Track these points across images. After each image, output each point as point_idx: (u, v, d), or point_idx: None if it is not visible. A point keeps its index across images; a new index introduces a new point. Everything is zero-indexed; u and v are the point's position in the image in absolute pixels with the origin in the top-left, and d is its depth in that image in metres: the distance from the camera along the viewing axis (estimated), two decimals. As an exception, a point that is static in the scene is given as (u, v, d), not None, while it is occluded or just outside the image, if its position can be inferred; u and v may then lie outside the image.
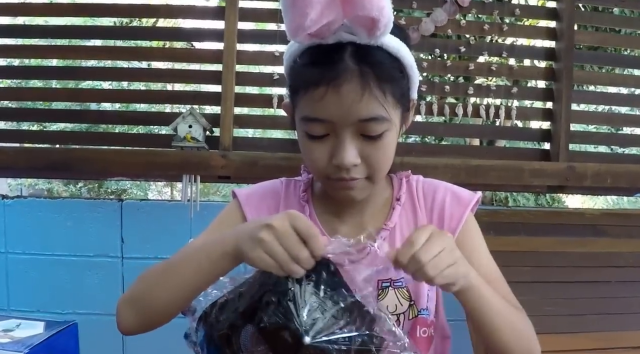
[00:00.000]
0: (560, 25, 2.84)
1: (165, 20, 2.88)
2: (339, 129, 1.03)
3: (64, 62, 2.79)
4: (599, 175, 2.76)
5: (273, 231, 0.88)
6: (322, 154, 1.06)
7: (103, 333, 2.67)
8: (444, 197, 1.23)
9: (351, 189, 1.10)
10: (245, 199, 1.25)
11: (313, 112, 1.03)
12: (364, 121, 1.02)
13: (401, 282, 1.16)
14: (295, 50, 1.06)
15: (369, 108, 1.02)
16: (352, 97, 1.00)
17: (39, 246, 2.72)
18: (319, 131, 1.04)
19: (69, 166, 2.58)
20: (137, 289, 1.11)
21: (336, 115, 1.01)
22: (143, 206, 2.75)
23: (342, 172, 1.06)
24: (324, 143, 1.05)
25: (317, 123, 1.04)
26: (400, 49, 1.06)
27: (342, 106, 1.00)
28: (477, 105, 2.82)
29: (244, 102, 2.76)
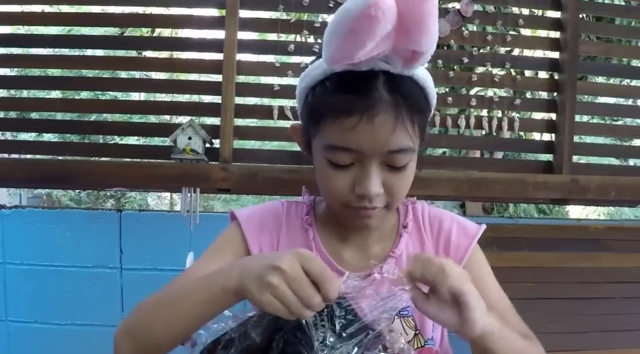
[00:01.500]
0: (564, 35, 2.81)
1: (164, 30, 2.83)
2: (366, 159, 1.00)
3: (62, 72, 2.75)
4: (603, 188, 2.73)
5: (283, 275, 0.84)
6: (345, 182, 1.03)
7: (101, 343, 2.66)
8: (451, 227, 1.22)
9: (369, 218, 1.08)
10: (245, 223, 1.21)
11: (342, 141, 1.00)
12: (392, 152, 1.00)
13: (407, 311, 1.14)
14: (320, 74, 1.03)
15: (400, 139, 0.99)
16: (385, 128, 0.97)
17: (37, 256, 2.71)
18: (345, 160, 1.02)
19: (66, 178, 2.55)
20: (135, 321, 1.07)
21: (367, 145, 0.99)
22: (142, 217, 2.73)
23: (364, 201, 1.03)
24: (347, 172, 1.03)
25: (345, 152, 1.01)
26: (427, 79, 1.04)
27: (375, 137, 0.98)
28: (479, 116, 2.79)
29: (244, 114, 2.73)
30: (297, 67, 2.67)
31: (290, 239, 1.19)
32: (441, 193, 2.55)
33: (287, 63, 2.72)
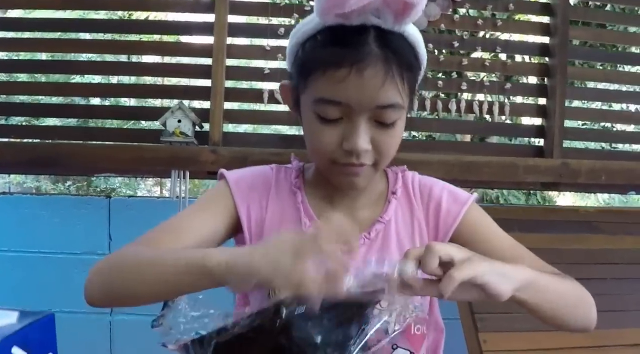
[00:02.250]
0: (555, 20, 2.82)
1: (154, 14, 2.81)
2: (355, 113, 1.00)
3: (52, 56, 2.73)
4: (593, 172, 2.73)
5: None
6: (333, 137, 1.02)
7: (90, 330, 2.65)
8: (441, 194, 1.20)
9: (356, 176, 1.07)
10: (235, 184, 1.18)
11: (331, 94, 0.99)
12: (381, 108, 0.99)
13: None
14: (311, 29, 1.02)
15: (389, 95, 0.99)
16: (374, 82, 0.97)
17: (25, 243, 2.68)
18: (334, 114, 1.01)
19: (55, 161, 2.53)
20: (110, 272, 1.02)
21: (355, 99, 0.98)
22: (131, 203, 2.71)
23: (351, 157, 1.02)
24: (335, 127, 1.02)
25: (333, 106, 1.00)
26: (418, 38, 1.04)
27: (364, 90, 0.97)
28: (470, 101, 2.79)
29: (234, 97, 2.72)
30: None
31: (279, 202, 1.18)
32: (431, 176, 2.54)
33: (278, 46, 2.70)
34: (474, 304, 2.10)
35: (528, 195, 8.56)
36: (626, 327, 2.24)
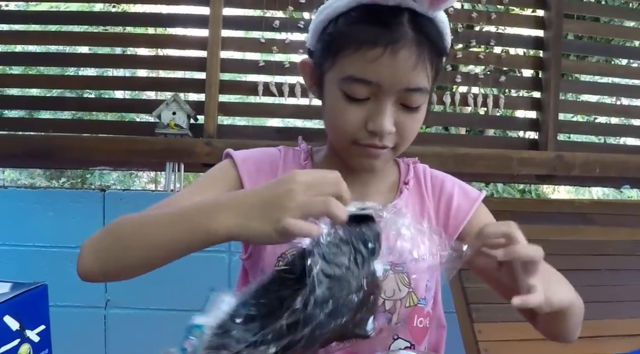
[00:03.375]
0: (549, 14, 2.82)
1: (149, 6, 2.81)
2: (383, 94, 0.99)
3: (45, 48, 2.72)
4: (588, 164, 2.74)
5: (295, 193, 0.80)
6: (358, 117, 1.01)
7: (84, 324, 2.64)
8: (452, 189, 1.20)
9: (376, 158, 1.06)
10: (242, 163, 1.15)
11: (362, 73, 0.98)
12: (409, 91, 0.99)
13: (402, 267, 1.11)
14: (344, 5, 1.01)
15: (419, 78, 0.98)
16: (407, 64, 0.96)
17: (20, 236, 2.66)
18: (362, 93, 1.00)
19: (49, 154, 2.52)
20: (105, 241, 1.01)
21: (387, 79, 0.97)
22: (126, 196, 2.70)
23: (375, 138, 1.02)
24: (361, 106, 1.01)
25: (363, 85, 0.99)
26: (447, 25, 1.05)
27: (396, 72, 0.97)
28: (464, 94, 2.79)
29: (228, 90, 2.72)
30: (282, 43, 2.66)
31: None
32: (426, 168, 2.55)
33: (272, 39, 2.70)
34: (469, 295, 2.11)
35: (523, 193, 8.56)
36: (620, 318, 2.25)
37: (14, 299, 0.79)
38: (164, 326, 2.72)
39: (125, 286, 2.59)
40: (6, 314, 0.76)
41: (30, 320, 0.82)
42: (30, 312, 0.83)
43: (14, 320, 0.78)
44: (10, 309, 0.78)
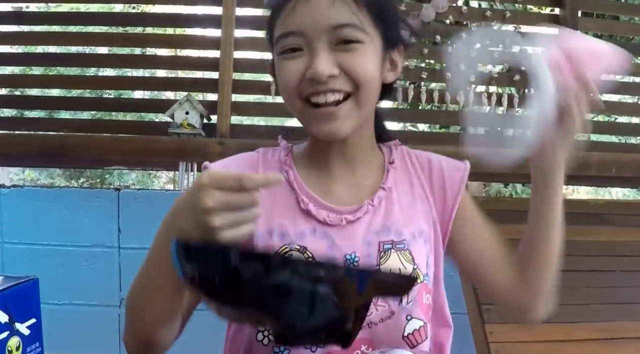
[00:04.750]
0: (564, 12, 2.79)
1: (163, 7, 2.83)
2: (311, 40, 0.99)
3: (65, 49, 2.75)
4: (604, 164, 2.71)
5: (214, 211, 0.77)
6: (296, 68, 1.00)
7: (99, 323, 2.66)
8: (440, 163, 1.18)
9: (335, 118, 1.02)
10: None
11: (285, 27, 1.00)
12: (337, 28, 0.98)
13: (403, 244, 1.10)
14: None
15: (340, 14, 0.98)
16: (322, 3, 0.98)
17: (35, 235, 2.69)
18: (292, 44, 1.00)
19: (64, 153, 2.54)
20: (127, 317, 1.01)
21: (307, 23, 0.98)
22: (140, 196, 2.72)
23: (318, 85, 1.00)
24: (298, 59, 1.00)
25: (290, 37, 1.00)
26: None
27: (313, 13, 0.98)
28: (479, 93, 2.77)
29: (241, 89, 2.72)
30: (294, 43, 2.66)
31: (276, 196, 1.11)
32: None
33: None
34: (480, 295, 2.09)
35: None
36: (635, 320, 2.22)
37: (3, 292, 0.79)
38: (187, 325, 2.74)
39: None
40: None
41: (21, 313, 0.83)
42: (21, 305, 0.83)
43: (2, 313, 0.78)
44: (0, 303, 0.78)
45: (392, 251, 1.09)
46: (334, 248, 1.06)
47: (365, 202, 1.10)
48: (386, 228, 1.09)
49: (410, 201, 1.15)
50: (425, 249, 1.12)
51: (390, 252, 1.09)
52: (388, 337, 1.04)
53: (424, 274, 1.11)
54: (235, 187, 0.77)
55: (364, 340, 1.04)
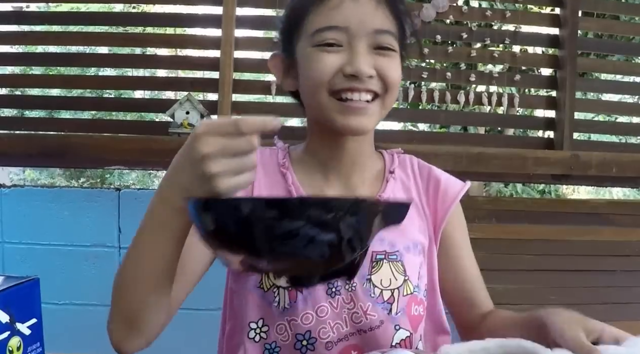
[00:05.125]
0: (564, 12, 2.79)
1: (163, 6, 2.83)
2: (354, 38, 1.01)
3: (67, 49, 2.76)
4: (604, 164, 2.70)
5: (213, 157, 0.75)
6: (333, 62, 1.02)
7: (99, 323, 2.65)
8: (440, 176, 1.20)
9: (363, 114, 1.04)
10: None
11: (329, 21, 1.01)
12: (378, 33, 1.02)
13: (396, 255, 1.11)
14: None
15: (383, 20, 1.03)
16: (368, 6, 1.02)
17: (36, 235, 2.68)
18: (332, 38, 1.02)
19: (64, 153, 2.54)
20: (113, 302, 1.01)
21: (354, 22, 1.01)
22: (141, 196, 2.71)
23: (354, 81, 1.02)
24: (336, 54, 1.02)
25: (333, 32, 1.01)
26: None
27: (360, 13, 1.01)
28: (479, 93, 2.77)
29: (242, 89, 2.72)
30: (295, 43, 2.66)
31: (268, 182, 1.14)
32: (440, 168, 2.53)
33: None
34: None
35: (542, 193, 8.49)
36: (636, 319, 2.22)
37: (3, 292, 0.79)
38: (178, 324, 2.74)
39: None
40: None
41: (21, 313, 0.82)
42: (21, 305, 0.82)
43: (3, 312, 0.78)
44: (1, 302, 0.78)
45: (384, 261, 1.10)
46: None
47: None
48: (380, 239, 1.08)
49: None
50: (419, 260, 1.14)
51: (382, 262, 1.10)
52: (377, 346, 1.05)
53: (414, 286, 1.11)
54: (232, 132, 0.75)
55: (355, 346, 1.06)
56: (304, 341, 1.04)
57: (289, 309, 1.05)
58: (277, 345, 1.06)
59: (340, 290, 1.07)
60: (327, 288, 1.07)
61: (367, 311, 1.06)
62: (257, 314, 1.08)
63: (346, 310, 1.07)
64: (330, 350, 1.05)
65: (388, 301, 1.08)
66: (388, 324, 1.06)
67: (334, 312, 1.06)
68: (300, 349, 1.05)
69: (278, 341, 1.06)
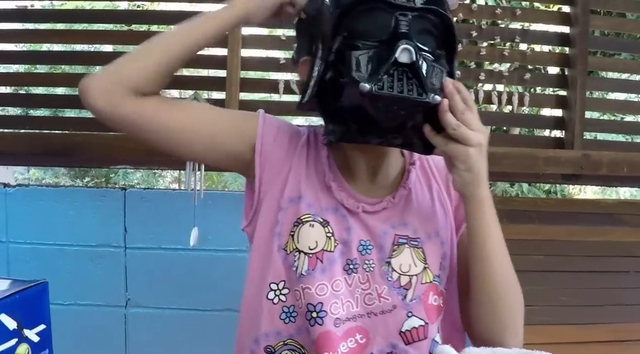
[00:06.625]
0: (575, 10, 2.76)
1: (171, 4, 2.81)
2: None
3: (68, 47, 2.74)
4: (615, 164, 2.68)
5: None
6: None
7: (105, 323, 2.65)
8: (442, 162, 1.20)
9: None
10: (263, 121, 1.19)
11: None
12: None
13: (417, 241, 1.13)
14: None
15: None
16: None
17: (41, 235, 2.67)
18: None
19: (69, 152, 2.53)
20: (114, 64, 1.10)
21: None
22: (147, 195, 2.70)
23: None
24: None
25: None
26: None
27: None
28: (488, 92, 2.74)
29: (249, 88, 2.70)
30: (303, 41, 2.64)
31: (308, 168, 1.16)
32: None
33: (294, 36, 2.68)
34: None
35: (548, 193, 8.48)
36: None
37: (11, 297, 0.76)
38: (184, 325, 2.73)
39: (145, 285, 2.59)
40: (2, 312, 0.74)
41: (30, 319, 0.80)
42: (30, 311, 0.80)
43: (10, 319, 0.75)
44: (7, 308, 0.75)
45: (406, 246, 1.12)
46: (351, 231, 1.10)
47: (386, 198, 1.13)
48: (403, 223, 1.12)
49: (429, 202, 1.18)
50: (441, 251, 1.14)
51: (404, 247, 1.11)
52: (384, 330, 1.06)
53: (434, 275, 1.10)
54: None
55: (360, 329, 1.07)
56: (313, 313, 1.04)
57: (305, 277, 1.05)
58: (295, 310, 1.07)
59: (357, 269, 1.08)
60: (345, 263, 1.08)
61: (381, 294, 1.07)
62: (279, 275, 1.09)
63: (360, 290, 1.08)
64: (337, 327, 1.04)
65: (405, 287, 1.08)
66: (400, 310, 1.06)
67: (348, 289, 1.07)
68: (309, 321, 1.04)
69: (296, 306, 1.07)
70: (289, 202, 1.12)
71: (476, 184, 1.03)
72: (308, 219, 1.09)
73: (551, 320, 1.17)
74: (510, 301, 1.08)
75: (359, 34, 1.01)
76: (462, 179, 1.03)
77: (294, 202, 1.11)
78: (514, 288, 1.08)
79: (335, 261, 1.08)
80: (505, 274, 1.06)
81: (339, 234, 1.10)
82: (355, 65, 0.99)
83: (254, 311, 1.11)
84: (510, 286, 1.08)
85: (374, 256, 1.10)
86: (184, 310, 2.61)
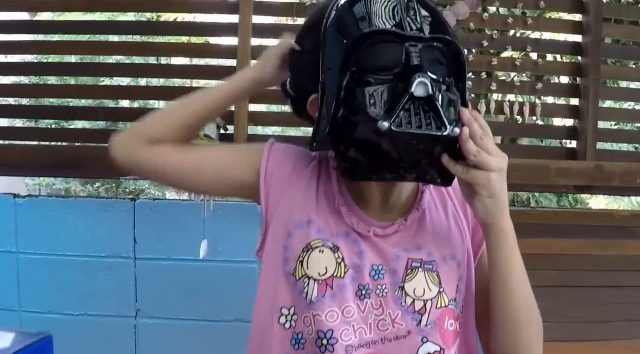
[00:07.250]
0: (587, 18, 2.73)
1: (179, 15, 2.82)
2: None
3: (81, 58, 2.75)
4: (628, 174, 2.64)
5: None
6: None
7: (115, 334, 2.65)
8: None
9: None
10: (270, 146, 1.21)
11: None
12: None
13: (432, 265, 1.09)
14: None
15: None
16: None
17: (51, 246, 2.68)
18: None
19: (80, 164, 2.53)
20: (139, 123, 1.20)
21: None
22: (156, 206, 2.70)
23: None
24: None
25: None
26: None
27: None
28: (500, 101, 2.72)
29: (259, 99, 2.69)
30: (311, 52, 2.63)
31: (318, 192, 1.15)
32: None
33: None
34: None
35: (560, 196, 8.43)
36: (663, 337, 2.17)
37: (17, 353, 0.76)
38: (194, 336, 2.73)
39: (155, 296, 2.59)
40: (8, 369, 0.73)
41: (36, 375, 0.79)
42: (35, 365, 0.80)
43: (15, 376, 0.75)
44: (13, 365, 0.75)
45: (420, 270, 1.08)
46: (363, 256, 1.08)
47: (398, 220, 1.10)
48: (417, 247, 1.09)
49: (444, 223, 1.15)
50: (457, 274, 1.11)
51: (417, 270, 1.08)
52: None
53: (450, 299, 1.08)
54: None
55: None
56: (324, 340, 1.02)
57: (315, 303, 1.04)
58: (303, 336, 1.05)
59: (370, 294, 1.06)
60: (357, 289, 1.06)
61: (395, 319, 1.05)
62: (290, 300, 1.08)
63: (373, 316, 1.05)
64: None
65: (419, 311, 1.05)
66: (415, 335, 1.04)
67: (360, 315, 1.05)
68: (319, 348, 1.03)
69: (304, 332, 1.05)
70: (298, 226, 1.10)
71: (499, 212, 1.00)
72: (317, 245, 1.07)
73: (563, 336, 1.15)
74: (532, 329, 1.07)
75: (368, 68, 0.97)
76: (484, 207, 1.00)
77: (303, 227, 1.09)
78: (535, 317, 1.07)
79: (346, 287, 1.05)
80: (527, 303, 1.05)
81: (350, 260, 1.08)
82: (369, 101, 0.94)
83: (265, 335, 1.09)
84: (532, 316, 1.06)
85: (387, 281, 1.08)
86: (193, 321, 2.61)
